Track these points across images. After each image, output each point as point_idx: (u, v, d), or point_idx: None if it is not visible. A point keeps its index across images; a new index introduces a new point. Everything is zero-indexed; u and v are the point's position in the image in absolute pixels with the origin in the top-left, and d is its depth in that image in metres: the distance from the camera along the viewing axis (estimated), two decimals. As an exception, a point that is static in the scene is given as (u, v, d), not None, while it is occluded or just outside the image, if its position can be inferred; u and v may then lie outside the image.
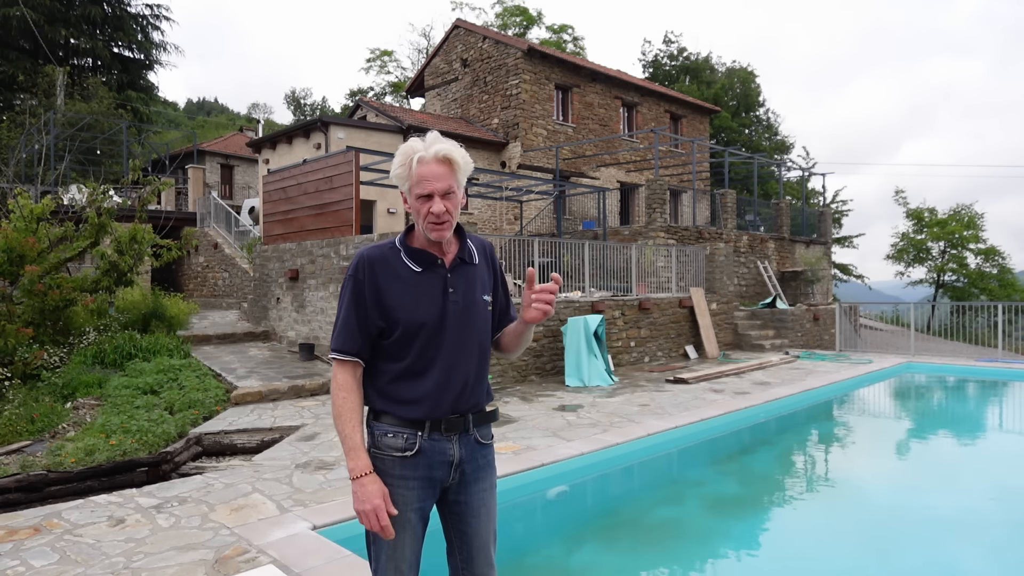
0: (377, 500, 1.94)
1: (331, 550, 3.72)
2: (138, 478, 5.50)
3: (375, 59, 41.06)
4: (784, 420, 8.61)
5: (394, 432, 2.04)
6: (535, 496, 5.48)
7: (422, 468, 2.05)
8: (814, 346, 15.47)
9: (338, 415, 2.00)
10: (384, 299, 2.02)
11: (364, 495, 1.94)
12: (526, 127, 20.46)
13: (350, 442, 1.97)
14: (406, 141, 2.13)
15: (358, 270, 2.04)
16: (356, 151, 11.01)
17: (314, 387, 8.77)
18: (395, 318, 2.01)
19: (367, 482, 1.95)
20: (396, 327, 2.02)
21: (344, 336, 2.03)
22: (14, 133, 22.99)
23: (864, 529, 4.87)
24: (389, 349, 2.05)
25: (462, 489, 2.13)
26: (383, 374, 2.07)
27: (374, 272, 2.03)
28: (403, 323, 2.01)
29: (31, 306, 9.06)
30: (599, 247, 13.05)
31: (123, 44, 31.73)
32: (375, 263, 2.04)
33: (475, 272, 2.13)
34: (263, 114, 59.34)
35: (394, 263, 2.05)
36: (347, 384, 2.03)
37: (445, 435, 2.07)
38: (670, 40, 39.17)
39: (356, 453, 1.97)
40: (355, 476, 1.96)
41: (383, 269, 2.04)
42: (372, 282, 2.02)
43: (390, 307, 2.01)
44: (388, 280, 2.03)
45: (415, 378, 2.04)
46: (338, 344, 2.04)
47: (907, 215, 32.09)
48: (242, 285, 16.44)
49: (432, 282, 2.05)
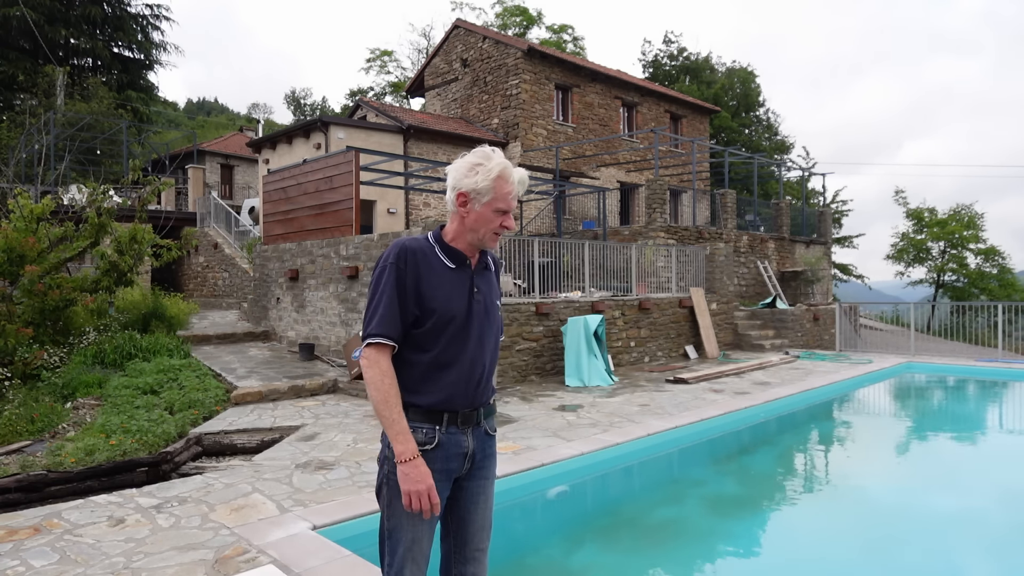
0: (430, 480, 2.04)
1: (331, 550, 3.72)
2: (138, 478, 5.49)
3: (375, 59, 41.06)
4: (784, 420, 8.61)
5: (414, 427, 2.11)
6: (535, 496, 5.47)
7: (440, 461, 2.13)
8: (814, 346, 15.47)
9: (384, 400, 2.04)
10: (422, 288, 2.11)
11: (417, 475, 2.02)
12: (526, 127, 20.45)
13: (397, 426, 2.04)
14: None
15: (399, 258, 2.11)
16: (356, 151, 11.01)
17: (314, 387, 8.77)
18: (431, 307, 2.11)
19: (419, 463, 2.04)
20: (430, 316, 2.11)
21: (388, 321, 2.08)
22: (14, 133, 23.00)
23: (864, 529, 4.87)
24: (420, 339, 2.13)
25: (468, 475, 2.24)
26: (410, 365, 2.14)
27: (416, 261, 2.13)
28: (438, 313, 2.11)
29: (31, 306, 9.06)
30: (599, 247, 13.05)
31: (123, 44, 31.73)
32: (416, 253, 2.14)
33: (492, 278, 2.33)
34: (263, 114, 59.35)
35: (430, 257, 2.17)
36: (389, 370, 2.08)
37: (460, 428, 2.17)
38: (670, 40, 39.17)
39: (405, 436, 2.04)
40: (406, 459, 2.03)
41: (423, 260, 2.14)
42: (414, 271, 2.11)
43: (427, 296, 2.11)
44: (426, 271, 2.14)
45: (440, 370, 2.13)
46: (380, 329, 2.07)
47: (907, 215, 32.08)
48: (242, 285, 16.44)
49: (462, 280, 2.20)
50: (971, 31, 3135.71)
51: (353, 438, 6.45)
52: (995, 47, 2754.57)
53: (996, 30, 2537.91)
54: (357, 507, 4.38)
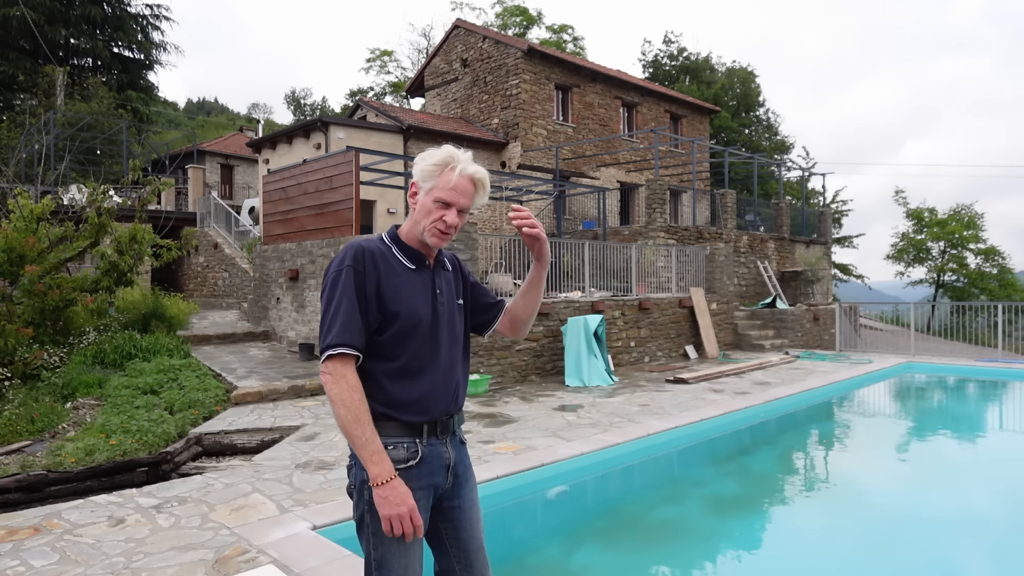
0: (411, 501, 1.88)
1: (331, 550, 3.72)
2: (138, 478, 5.49)
3: (375, 59, 41.06)
4: (784, 420, 8.61)
5: (394, 443, 1.96)
6: (535, 496, 5.47)
7: (425, 476, 2.00)
8: (814, 346, 15.47)
9: (355, 419, 1.86)
10: (383, 291, 1.96)
11: (396, 498, 1.86)
12: (526, 127, 20.45)
13: (372, 446, 1.86)
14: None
15: (356, 260, 1.95)
16: (356, 151, 11.01)
17: (314, 387, 8.77)
18: (394, 310, 1.96)
19: (397, 484, 1.87)
20: (394, 321, 1.96)
21: (347, 328, 1.89)
22: (14, 133, 23.00)
23: (864, 529, 4.87)
24: (384, 346, 1.97)
25: (455, 492, 2.11)
26: (377, 376, 1.98)
27: (375, 263, 1.98)
28: (402, 316, 1.96)
29: (31, 306, 9.06)
30: (599, 247, 13.05)
31: (123, 44, 31.74)
32: (374, 254, 1.99)
33: (451, 277, 2.18)
34: (263, 114, 59.38)
35: (389, 257, 2.03)
36: (357, 384, 1.89)
37: (440, 438, 2.04)
38: (670, 40, 39.17)
39: (380, 456, 1.87)
40: (383, 481, 1.86)
41: (382, 260, 2.00)
42: (373, 272, 1.96)
43: (388, 299, 1.96)
44: (387, 272, 1.99)
45: (410, 379, 1.99)
46: (342, 338, 1.88)
47: (907, 215, 32.08)
48: (242, 285, 16.44)
49: (423, 281, 2.06)
50: (974, 30, 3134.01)
51: (353, 438, 6.44)
52: (999, 46, 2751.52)
53: (1000, 29, 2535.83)
54: (357, 507, 4.37)
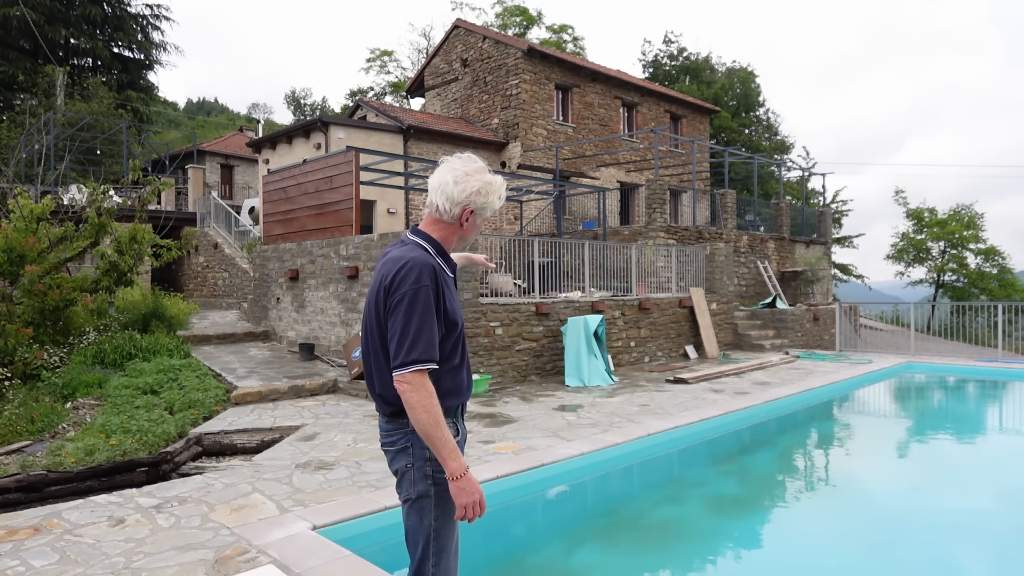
0: (480, 489, 2.16)
1: (331, 550, 3.72)
2: (138, 478, 5.50)
3: (375, 59, 41.06)
4: (784, 420, 8.61)
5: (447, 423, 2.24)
6: (535, 496, 5.47)
7: (462, 449, 2.31)
8: (814, 346, 15.47)
9: (436, 422, 2.08)
10: (447, 305, 2.19)
11: (472, 488, 2.13)
12: (526, 127, 20.45)
13: (450, 444, 2.10)
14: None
15: (432, 280, 2.14)
16: (356, 151, 11.01)
17: (314, 387, 8.78)
18: (453, 320, 2.21)
19: (471, 477, 2.14)
20: (454, 330, 2.22)
21: (427, 344, 2.10)
22: (14, 133, 23.00)
23: (864, 529, 4.87)
24: (443, 350, 2.21)
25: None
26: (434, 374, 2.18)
27: (441, 280, 2.18)
28: (459, 326, 2.23)
29: (31, 306, 9.06)
30: (599, 247, 13.05)
31: (123, 44, 31.74)
32: (436, 271, 2.18)
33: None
34: (263, 114, 59.36)
35: (440, 272, 2.22)
36: (434, 391, 2.12)
37: (462, 417, 2.39)
38: (670, 40, 39.17)
39: (458, 453, 2.13)
40: (460, 475, 2.11)
41: (442, 276, 2.20)
42: (440, 289, 2.17)
43: (450, 311, 2.20)
44: (445, 287, 2.21)
45: (455, 373, 2.28)
46: (429, 354, 2.09)
47: (907, 215, 32.07)
48: (242, 285, 16.44)
49: (457, 287, 2.38)
50: (977, 29, 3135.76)
51: (353, 438, 6.45)
52: (1001, 45, 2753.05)
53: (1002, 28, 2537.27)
54: (357, 507, 4.37)
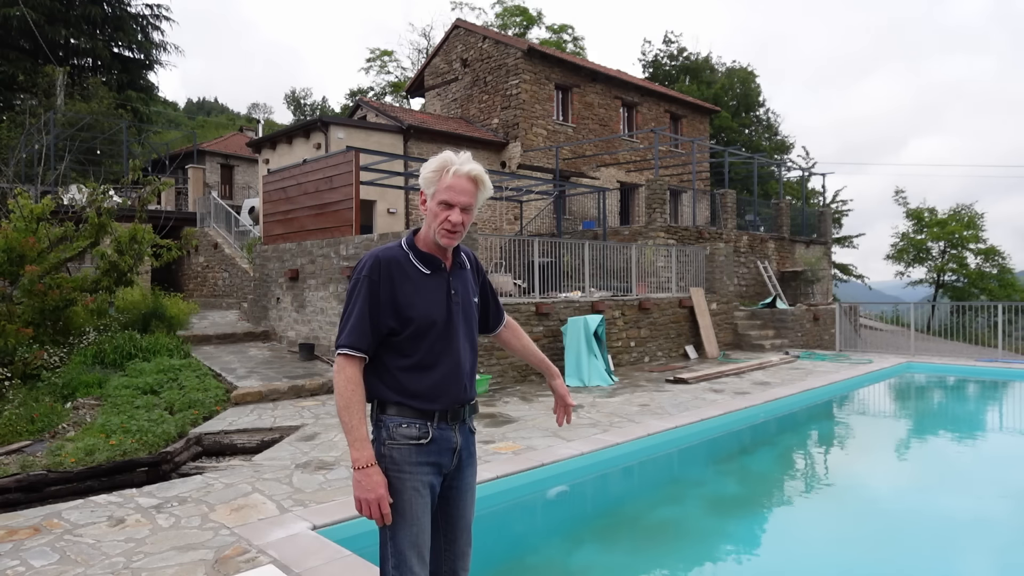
0: (382, 490, 2.08)
1: (331, 550, 3.72)
2: (138, 478, 5.50)
3: (375, 59, 41.06)
4: (784, 420, 8.61)
5: (407, 423, 2.17)
6: (535, 496, 5.47)
7: (433, 455, 2.19)
8: (814, 346, 15.47)
9: (346, 406, 2.08)
10: (398, 299, 2.15)
11: (369, 484, 2.06)
12: (526, 127, 20.45)
13: (357, 433, 2.07)
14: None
15: (372, 270, 2.15)
16: (356, 151, 11.01)
17: (314, 387, 8.77)
18: (408, 316, 2.15)
19: (372, 472, 2.07)
20: (408, 325, 2.15)
21: (357, 333, 2.13)
22: (14, 133, 22.97)
23: (864, 529, 4.87)
24: (399, 345, 2.18)
25: (456, 475, 2.30)
26: (392, 370, 2.19)
27: (389, 273, 2.16)
28: (416, 321, 2.15)
29: (31, 306, 9.06)
30: (599, 247, 13.05)
31: (123, 44, 31.71)
32: (389, 264, 2.17)
33: (467, 276, 2.37)
34: (263, 114, 59.38)
35: (405, 265, 2.20)
36: (356, 378, 2.12)
37: (450, 424, 2.24)
38: (670, 40, 39.15)
39: (363, 444, 2.07)
40: (360, 466, 2.06)
41: (396, 270, 2.17)
42: (387, 282, 2.15)
43: (403, 306, 2.15)
44: (401, 281, 2.17)
45: (423, 372, 2.19)
46: (351, 341, 2.12)
47: (907, 215, 32.06)
48: (242, 285, 16.44)
49: (438, 284, 2.23)
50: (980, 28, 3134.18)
51: (353, 438, 6.44)
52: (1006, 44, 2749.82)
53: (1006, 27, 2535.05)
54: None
